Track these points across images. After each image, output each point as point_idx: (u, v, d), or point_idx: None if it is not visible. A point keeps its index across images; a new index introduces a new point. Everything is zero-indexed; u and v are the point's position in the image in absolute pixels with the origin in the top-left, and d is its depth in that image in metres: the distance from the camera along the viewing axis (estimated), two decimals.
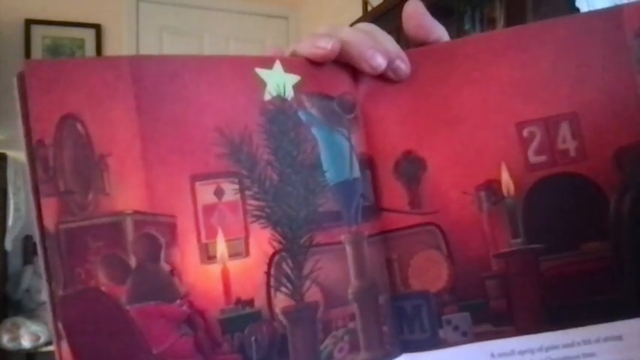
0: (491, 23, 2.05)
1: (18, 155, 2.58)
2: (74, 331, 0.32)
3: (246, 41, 3.71)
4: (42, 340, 2.71)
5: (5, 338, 2.70)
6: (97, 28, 3.38)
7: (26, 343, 2.70)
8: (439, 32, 0.44)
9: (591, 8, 1.59)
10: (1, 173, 2.81)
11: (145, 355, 0.33)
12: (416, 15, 0.43)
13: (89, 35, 3.36)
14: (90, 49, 3.35)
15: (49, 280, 0.32)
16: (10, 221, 2.86)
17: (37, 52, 3.25)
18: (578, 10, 1.62)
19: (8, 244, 2.89)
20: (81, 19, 3.34)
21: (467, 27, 2.16)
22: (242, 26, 3.72)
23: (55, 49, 3.29)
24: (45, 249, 0.32)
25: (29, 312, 2.88)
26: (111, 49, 3.40)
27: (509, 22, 1.88)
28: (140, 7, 3.49)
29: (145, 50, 3.49)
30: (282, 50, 0.42)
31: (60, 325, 0.32)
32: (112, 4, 3.42)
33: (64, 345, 0.32)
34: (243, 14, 3.73)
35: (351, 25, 0.44)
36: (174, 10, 3.56)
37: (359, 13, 2.96)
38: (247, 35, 3.73)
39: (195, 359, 0.35)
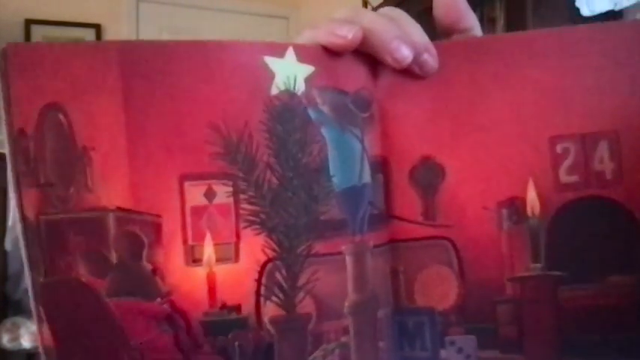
0: (491, 23, 2.00)
1: None
2: (54, 316, 0.32)
3: None
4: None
5: (5, 338, 2.75)
6: (97, 28, 3.36)
7: (26, 343, 2.73)
8: (471, 22, 0.39)
9: (591, 8, 1.57)
10: (1, 173, 2.84)
11: (122, 346, 0.33)
12: None
13: (89, 35, 3.35)
14: None
15: (30, 268, 0.31)
16: (10, 221, 2.87)
17: None
18: (577, 10, 1.60)
19: (8, 244, 2.91)
20: (81, 19, 3.32)
21: None
22: (242, 26, 3.65)
23: None
24: (26, 238, 0.31)
25: (29, 312, 2.91)
26: None
27: (509, 22, 1.86)
28: (140, 7, 3.47)
29: None
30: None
31: (41, 310, 0.32)
32: (112, 4, 3.38)
33: (45, 328, 0.32)
34: (243, 14, 3.67)
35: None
36: (174, 10, 3.53)
37: None
38: (247, 35, 3.67)
39: (175, 356, 0.33)
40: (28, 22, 3.25)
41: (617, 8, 1.56)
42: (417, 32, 0.37)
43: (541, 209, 0.36)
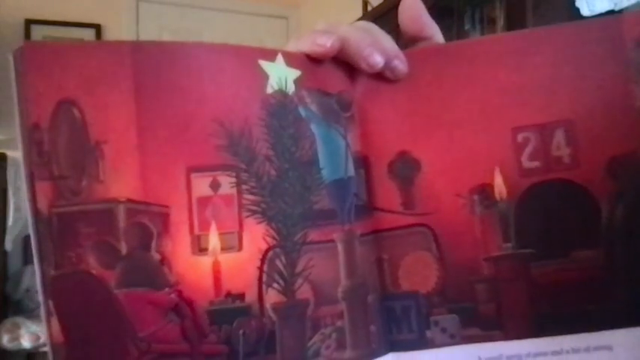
0: (491, 23, 2.05)
1: (18, 155, 2.52)
2: (64, 309, 0.32)
3: (246, 41, 3.65)
4: (42, 340, 2.68)
5: (5, 338, 2.68)
6: (97, 28, 3.35)
7: (26, 343, 2.67)
8: (433, 30, 0.44)
9: (591, 8, 1.58)
10: (1, 173, 2.79)
11: (130, 337, 0.33)
12: (413, 8, 0.44)
13: (89, 35, 3.33)
14: None
15: (41, 261, 0.32)
16: (10, 221, 2.83)
17: None
18: (577, 10, 1.62)
19: (8, 244, 2.86)
20: (81, 19, 3.31)
21: (467, 27, 2.17)
22: (242, 26, 3.70)
23: None
24: (37, 231, 0.32)
25: (29, 312, 2.85)
26: None
27: (509, 22, 1.88)
28: (140, 7, 3.47)
29: None
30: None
31: (50, 303, 0.32)
32: (112, 4, 3.39)
33: (54, 321, 0.32)
34: (243, 14, 3.71)
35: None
36: (174, 10, 3.54)
37: (359, 13, 2.96)
38: (247, 35, 3.71)
39: (181, 346, 0.34)
40: (28, 22, 3.19)
41: (617, 8, 1.56)
42: (387, 41, 0.41)
43: (508, 193, 0.40)
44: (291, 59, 0.38)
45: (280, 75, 0.37)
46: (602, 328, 0.39)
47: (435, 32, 0.44)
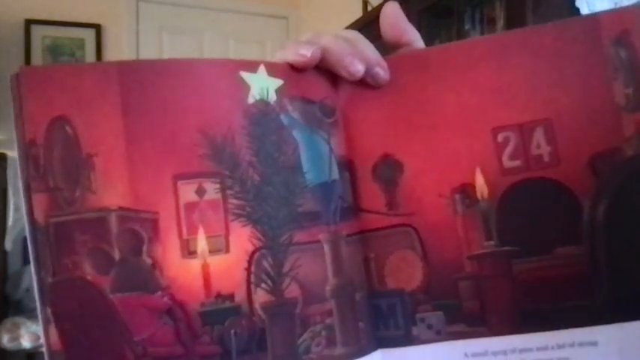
0: (491, 23, 2.05)
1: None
2: (62, 315, 0.34)
3: (246, 41, 3.73)
4: (42, 340, 2.70)
5: (5, 338, 2.70)
6: (97, 28, 3.38)
7: (26, 343, 2.69)
8: (412, 36, 0.46)
9: (591, 8, 1.57)
10: (1, 173, 2.82)
11: (126, 341, 0.35)
12: (392, 15, 0.46)
13: (89, 35, 3.36)
14: (90, 49, 3.36)
15: (39, 269, 0.34)
16: (10, 221, 2.86)
17: (37, 52, 3.25)
18: (578, 9, 1.60)
19: (8, 244, 2.89)
20: (81, 19, 3.34)
21: (467, 27, 2.16)
22: (242, 26, 3.71)
23: (55, 49, 3.30)
24: (35, 240, 0.34)
25: (29, 312, 2.87)
26: (111, 49, 3.41)
27: (509, 21, 1.88)
28: (140, 7, 3.49)
29: (144, 50, 3.49)
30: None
31: (49, 310, 0.34)
32: (112, 4, 3.41)
33: (52, 329, 0.34)
34: (243, 14, 3.72)
35: (349, 26, 0.46)
36: (174, 10, 3.56)
37: (359, 13, 2.95)
38: (247, 35, 3.74)
39: (175, 348, 0.36)
40: (28, 22, 3.23)
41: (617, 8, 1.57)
42: (369, 50, 0.43)
43: (489, 192, 0.42)
44: (273, 70, 0.40)
45: (262, 85, 0.39)
46: (587, 324, 0.40)
47: (415, 38, 0.46)
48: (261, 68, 0.39)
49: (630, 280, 0.40)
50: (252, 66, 0.39)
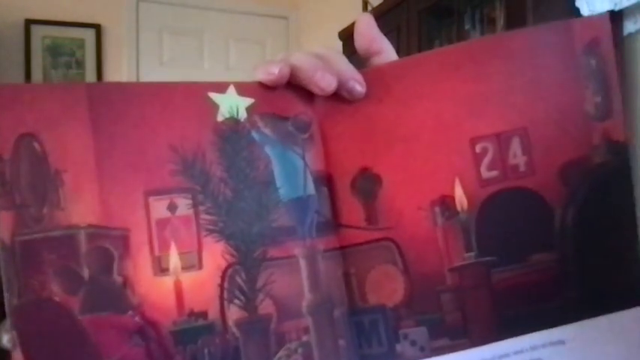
0: (491, 23, 2.05)
1: None
2: (27, 339, 0.34)
3: (246, 41, 3.73)
4: None
5: (5, 338, 2.71)
6: (97, 28, 3.38)
7: None
8: (384, 45, 0.46)
9: (591, 8, 1.57)
10: None
11: None
12: (363, 25, 0.46)
13: (89, 35, 3.37)
14: (90, 49, 3.36)
15: (7, 290, 0.33)
16: None
17: (37, 52, 3.26)
18: (578, 10, 1.60)
19: None
20: (81, 19, 3.35)
21: (467, 27, 2.16)
22: (242, 26, 3.73)
23: (55, 49, 3.31)
24: (1, 260, 0.33)
25: None
26: (111, 49, 3.42)
27: (509, 22, 1.87)
28: (140, 7, 3.50)
29: (144, 50, 3.50)
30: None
31: (14, 334, 0.33)
32: (112, 4, 3.43)
33: (18, 353, 0.33)
34: (243, 14, 3.74)
35: (349, 26, 0.46)
36: (174, 10, 3.57)
37: (359, 13, 2.94)
38: (247, 35, 3.74)
39: None
40: (28, 22, 3.24)
41: (617, 8, 1.55)
42: (343, 64, 0.43)
43: (468, 204, 0.41)
44: (243, 89, 0.40)
45: (231, 104, 0.39)
46: (557, 324, 0.40)
47: (386, 48, 0.46)
48: (231, 89, 0.39)
49: (595, 281, 0.41)
50: (220, 87, 0.39)
